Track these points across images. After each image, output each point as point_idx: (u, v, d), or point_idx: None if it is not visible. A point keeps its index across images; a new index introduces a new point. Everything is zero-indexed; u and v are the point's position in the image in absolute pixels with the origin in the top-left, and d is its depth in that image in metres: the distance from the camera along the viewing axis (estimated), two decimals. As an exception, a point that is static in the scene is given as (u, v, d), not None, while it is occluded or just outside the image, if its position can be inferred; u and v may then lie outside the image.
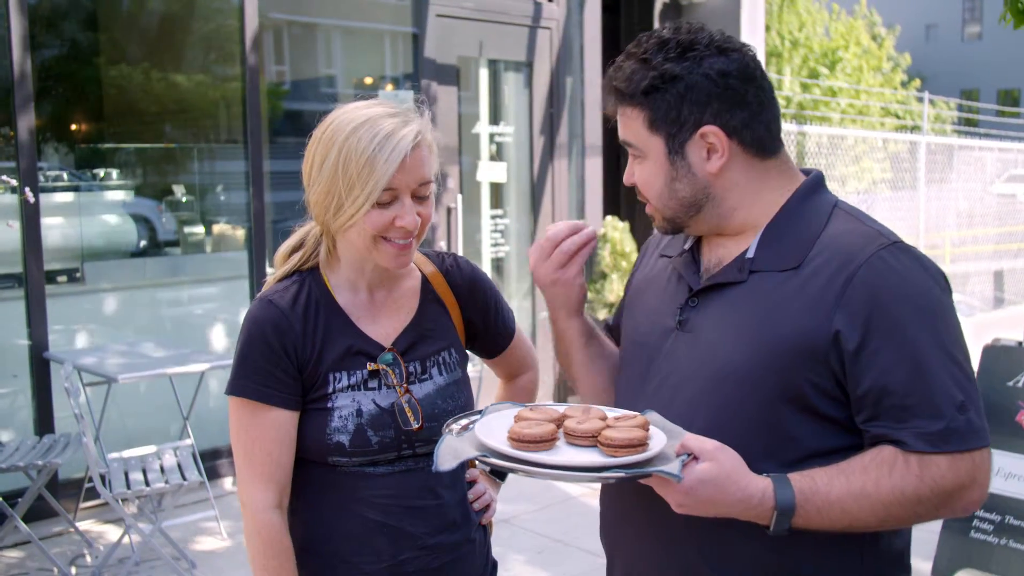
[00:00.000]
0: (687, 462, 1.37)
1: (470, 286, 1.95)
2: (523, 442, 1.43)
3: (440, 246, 6.29)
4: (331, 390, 1.74)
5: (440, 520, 1.80)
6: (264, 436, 1.72)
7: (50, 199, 5.64)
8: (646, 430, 1.43)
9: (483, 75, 6.91)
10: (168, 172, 6.47)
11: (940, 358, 1.43)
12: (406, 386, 1.78)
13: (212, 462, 5.38)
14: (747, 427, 1.48)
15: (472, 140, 6.81)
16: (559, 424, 1.49)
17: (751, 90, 1.53)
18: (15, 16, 4.75)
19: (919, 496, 1.42)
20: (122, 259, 6.25)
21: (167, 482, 4.19)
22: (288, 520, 1.78)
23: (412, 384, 1.79)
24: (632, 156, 1.61)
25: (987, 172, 13.00)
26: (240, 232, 6.10)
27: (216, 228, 6.44)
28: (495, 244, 7.02)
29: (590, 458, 1.41)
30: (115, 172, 6.23)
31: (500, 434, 1.47)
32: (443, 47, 6.43)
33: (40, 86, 5.26)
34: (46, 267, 4.96)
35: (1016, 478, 3.31)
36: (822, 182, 1.61)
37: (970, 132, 17.94)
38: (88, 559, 4.54)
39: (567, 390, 6.80)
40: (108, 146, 6.19)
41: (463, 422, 1.56)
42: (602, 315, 7.22)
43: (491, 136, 6.93)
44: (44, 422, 4.95)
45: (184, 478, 4.23)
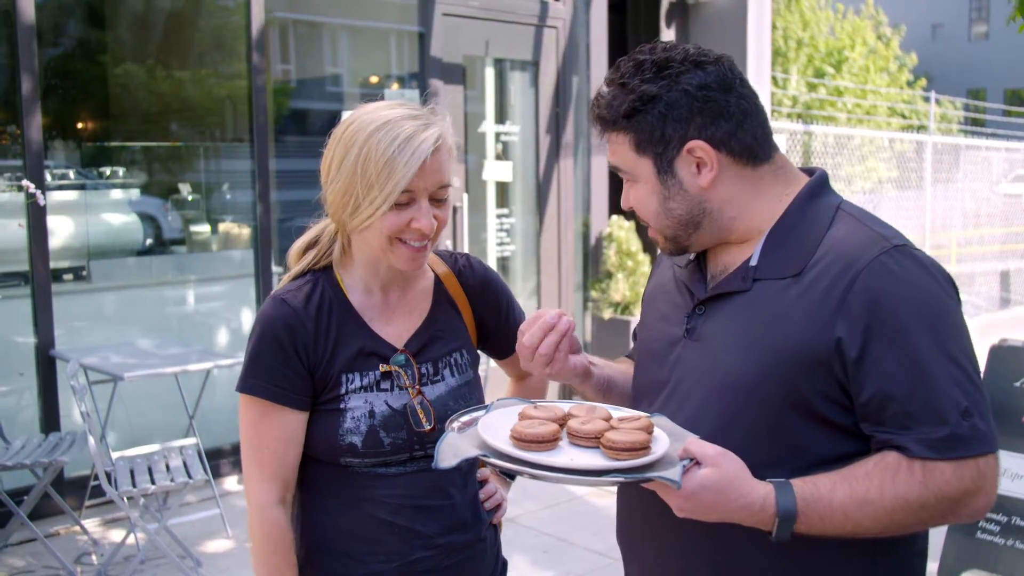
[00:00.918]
0: (689, 467, 1.36)
1: (483, 287, 1.95)
2: (525, 442, 1.41)
3: (446, 245, 6.29)
4: (344, 391, 1.74)
5: (451, 520, 1.80)
6: (272, 435, 1.73)
7: (56, 197, 5.65)
8: (649, 433, 1.42)
9: (489, 74, 6.91)
10: (174, 170, 6.47)
11: (943, 363, 1.41)
12: (418, 388, 1.79)
13: (217, 461, 5.40)
14: (754, 435, 1.48)
15: (478, 139, 6.81)
16: (563, 423, 1.48)
17: (732, 100, 1.53)
18: (22, 15, 4.76)
19: (923, 503, 1.40)
20: (128, 257, 6.25)
21: (172, 480, 4.19)
22: (299, 519, 1.79)
23: (424, 386, 1.80)
24: (625, 181, 1.61)
25: (993, 172, 12.99)
26: (246, 230, 6.11)
27: (222, 226, 6.44)
28: (501, 243, 7.02)
29: (592, 460, 1.40)
30: (121, 170, 6.23)
31: (503, 433, 1.46)
32: (449, 46, 6.43)
33: (47, 84, 5.28)
34: (52, 265, 4.98)
35: (1023, 479, 3.30)
36: (825, 183, 1.60)
37: (977, 132, 17.93)
38: (93, 557, 4.55)
39: (573, 388, 6.79)
40: (114, 144, 6.19)
41: (465, 418, 1.55)
42: (607, 314, 7.22)
43: (497, 135, 6.93)
44: (50, 420, 4.97)
45: (189, 476, 4.23)
